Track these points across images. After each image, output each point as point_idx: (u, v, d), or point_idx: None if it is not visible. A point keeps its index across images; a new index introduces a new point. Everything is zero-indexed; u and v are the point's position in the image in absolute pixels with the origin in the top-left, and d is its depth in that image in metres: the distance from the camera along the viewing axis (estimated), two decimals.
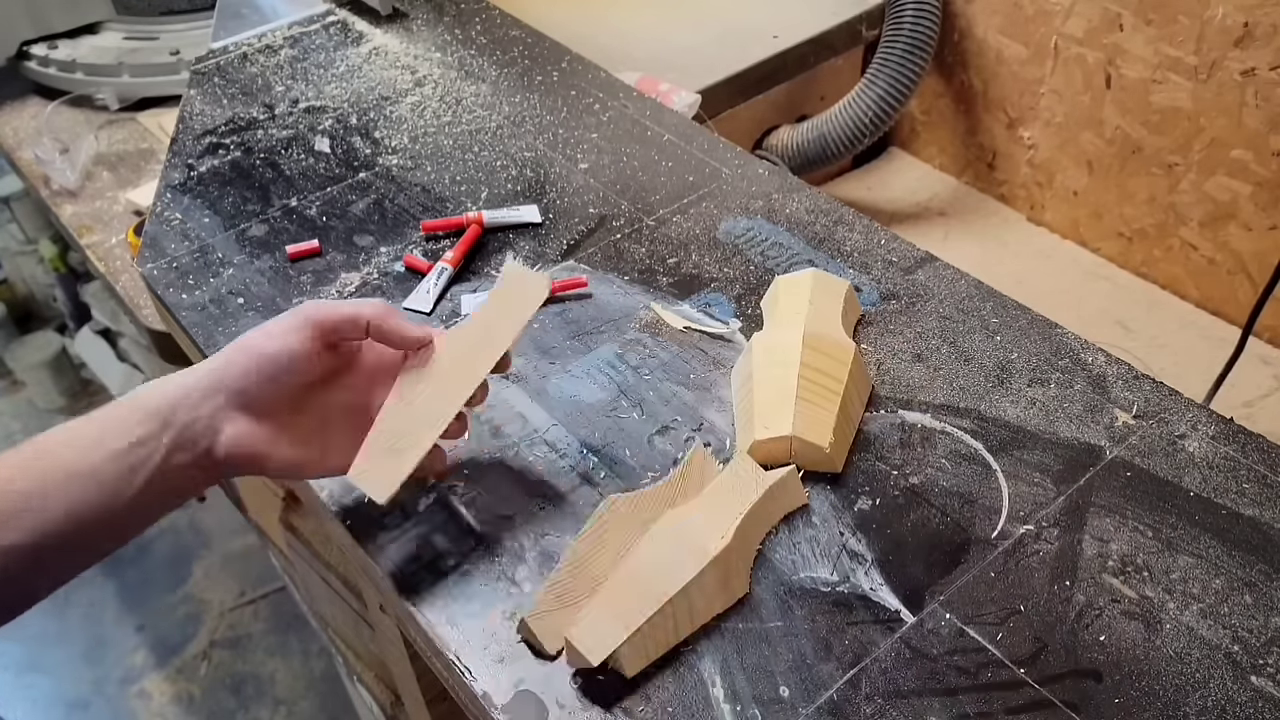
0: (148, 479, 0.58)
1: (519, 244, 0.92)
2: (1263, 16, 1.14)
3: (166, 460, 0.59)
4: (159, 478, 0.59)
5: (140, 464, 0.58)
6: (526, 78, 1.15)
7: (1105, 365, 0.78)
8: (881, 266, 0.88)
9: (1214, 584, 0.64)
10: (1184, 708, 0.58)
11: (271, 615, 1.98)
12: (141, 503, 0.59)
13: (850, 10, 1.45)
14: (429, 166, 1.02)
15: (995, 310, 0.83)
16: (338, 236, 0.94)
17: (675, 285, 0.88)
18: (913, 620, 0.63)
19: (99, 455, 0.58)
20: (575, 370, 0.80)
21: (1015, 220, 1.53)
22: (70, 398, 2.40)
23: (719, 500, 0.66)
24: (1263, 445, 0.72)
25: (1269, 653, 0.61)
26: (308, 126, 1.09)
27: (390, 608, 0.76)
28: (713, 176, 0.99)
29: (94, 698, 1.88)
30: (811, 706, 0.59)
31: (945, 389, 0.77)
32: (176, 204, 1.00)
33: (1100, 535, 0.67)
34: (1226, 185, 1.25)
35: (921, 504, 0.69)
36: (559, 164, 1.02)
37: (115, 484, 0.58)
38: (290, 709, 1.84)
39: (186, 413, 0.60)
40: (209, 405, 0.60)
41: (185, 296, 0.89)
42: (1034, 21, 1.37)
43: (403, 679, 1.00)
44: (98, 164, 1.29)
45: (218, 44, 1.23)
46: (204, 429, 0.60)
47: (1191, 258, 1.33)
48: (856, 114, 1.39)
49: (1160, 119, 1.28)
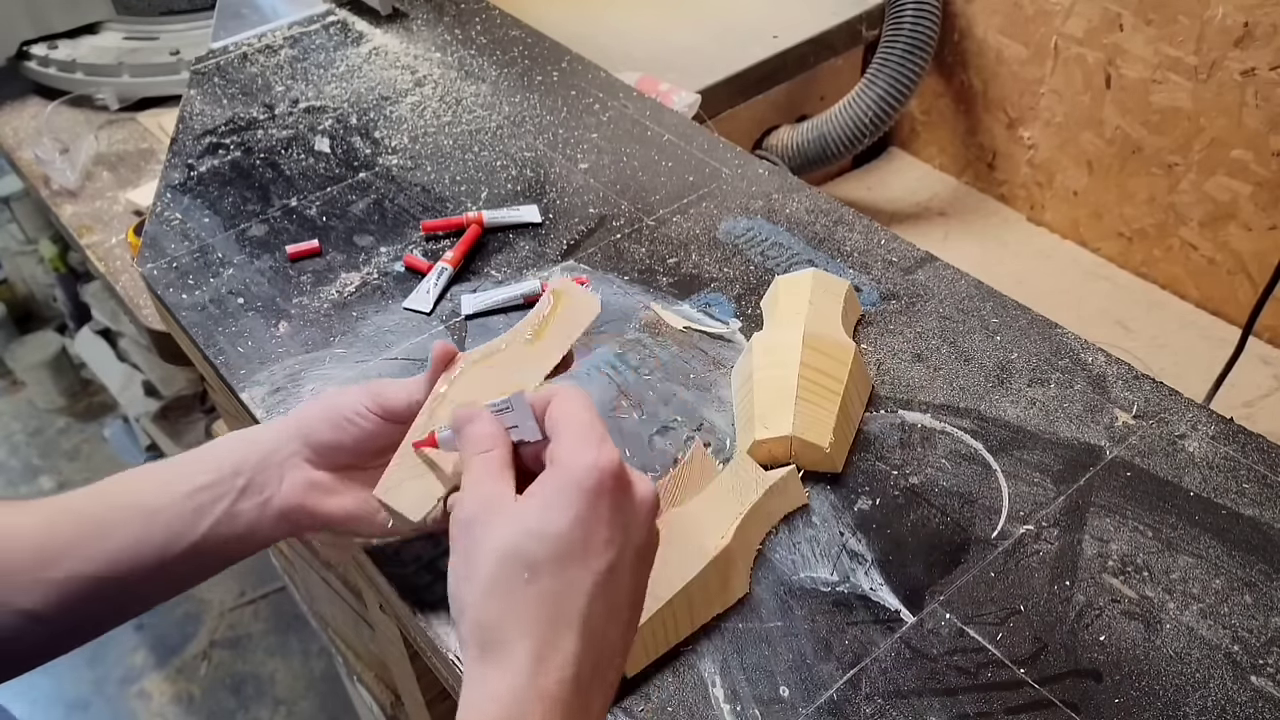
0: (214, 523, 0.59)
1: (519, 244, 0.92)
2: (1263, 16, 1.14)
3: (234, 505, 0.59)
4: (225, 522, 0.59)
5: (208, 507, 0.59)
6: (526, 78, 1.15)
7: (1105, 365, 0.78)
8: (881, 266, 0.88)
9: (1214, 584, 0.64)
10: (1184, 708, 0.58)
11: (271, 615, 1.98)
12: (205, 548, 0.59)
13: (850, 10, 1.45)
14: (429, 166, 1.02)
15: (995, 310, 0.83)
16: (338, 236, 0.94)
17: (675, 285, 0.88)
18: (913, 620, 0.63)
19: (169, 495, 0.59)
20: (575, 370, 0.80)
21: (1015, 220, 1.53)
22: (70, 398, 2.40)
23: (719, 500, 0.66)
24: (1263, 445, 0.72)
25: (1269, 653, 0.61)
26: (308, 126, 1.09)
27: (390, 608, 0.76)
28: (713, 176, 0.99)
29: (94, 698, 1.88)
30: (811, 706, 0.59)
31: (945, 389, 0.77)
32: (176, 204, 1.00)
33: (1100, 535, 0.67)
34: (1226, 185, 1.25)
35: (921, 504, 0.69)
36: (559, 164, 1.02)
37: (180, 524, 0.58)
38: (290, 709, 1.84)
39: (259, 460, 0.60)
40: (281, 454, 0.60)
41: (185, 296, 0.89)
42: (1034, 21, 1.37)
43: (403, 679, 1.00)
44: (98, 164, 1.29)
45: (218, 44, 1.23)
46: (273, 475, 0.60)
47: (1191, 258, 1.33)
48: (856, 114, 1.39)
49: (1160, 119, 1.28)
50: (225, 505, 0.59)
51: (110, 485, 0.60)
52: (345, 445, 0.61)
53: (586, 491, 0.49)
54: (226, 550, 0.60)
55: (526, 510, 0.49)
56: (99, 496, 0.59)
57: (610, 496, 0.49)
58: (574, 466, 0.49)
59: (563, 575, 0.48)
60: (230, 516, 0.59)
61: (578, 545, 0.48)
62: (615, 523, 0.49)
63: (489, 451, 0.53)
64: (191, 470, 0.60)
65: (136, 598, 0.60)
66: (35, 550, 0.56)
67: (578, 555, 0.48)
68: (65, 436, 2.35)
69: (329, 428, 0.61)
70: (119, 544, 0.57)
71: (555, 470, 0.50)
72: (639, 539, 0.51)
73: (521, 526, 0.49)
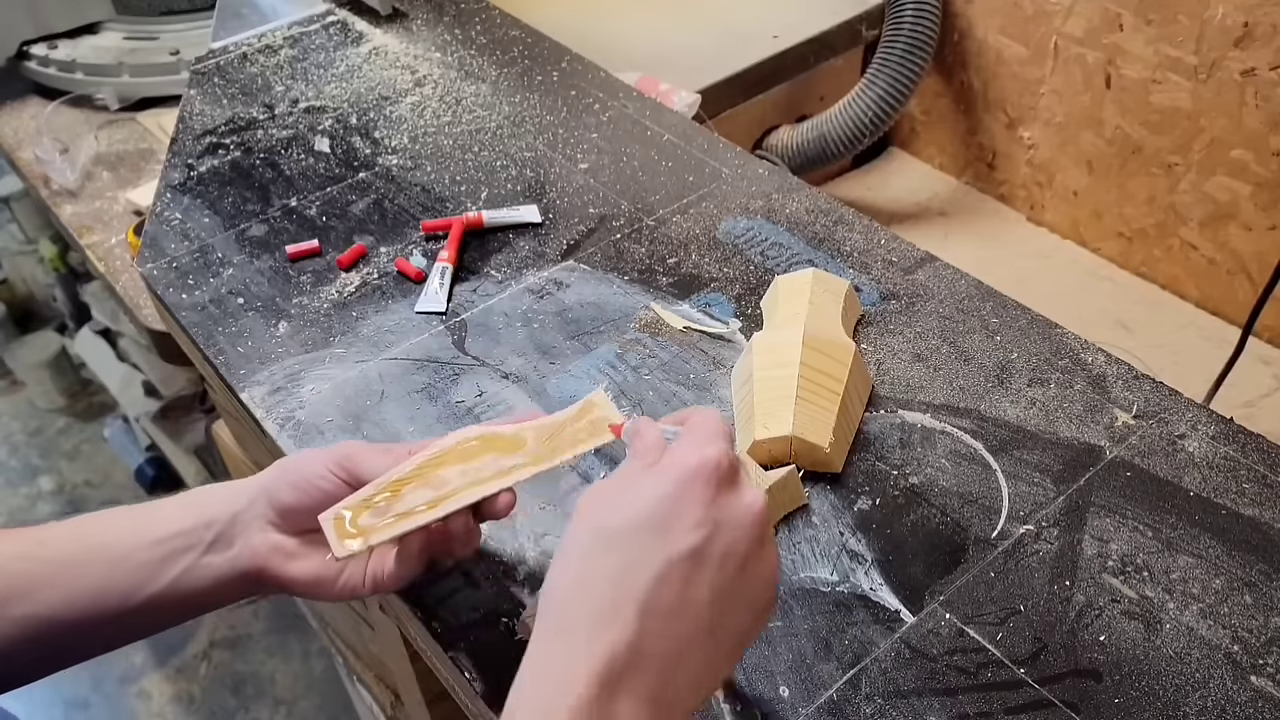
0: (180, 573, 0.58)
1: (519, 244, 0.92)
2: (1263, 16, 1.14)
3: (202, 557, 0.59)
4: (191, 573, 0.59)
5: (176, 556, 0.58)
6: (526, 78, 1.15)
7: (1105, 365, 0.78)
8: (881, 266, 0.88)
9: (1214, 584, 0.64)
10: (1184, 708, 0.58)
11: (271, 615, 1.98)
12: (170, 596, 0.58)
13: (850, 10, 1.45)
14: (429, 166, 1.02)
15: (995, 310, 0.83)
16: (338, 236, 0.94)
17: (675, 285, 0.88)
18: (913, 620, 0.63)
19: (137, 540, 0.58)
20: (575, 370, 0.80)
21: (1015, 220, 1.53)
22: (70, 398, 2.40)
23: None
24: (1263, 445, 0.72)
25: (1269, 653, 0.61)
26: (308, 126, 1.09)
27: (390, 608, 0.76)
28: (713, 176, 0.99)
29: (94, 697, 1.88)
30: (811, 706, 0.59)
31: (945, 389, 0.77)
32: (176, 204, 1.00)
33: (1100, 535, 0.67)
34: (1226, 185, 1.25)
35: (921, 504, 0.69)
36: (559, 164, 1.02)
37: (145, 572, 0.58)
38: (290, 709, 1.84)
39: (231, 515, 0.60)
40: (251, 511, 0.60)
41: (185, 296, 0.89)
42: (1034, 21, 1.37)
43: (403, 679, 1.00)
44: (98, 164, 1.29)
45: (218, 44, 1.23)
46: (240, 531, 0.60)
47: (1191, 258, 1.33)
48: (856, 114, 1.39)
49: (1160, 119, 1.28)
50: (193, 556, 0.58)
51: (85, 524, 0.60)
52: (307, 508, 0.59)
53: (684, 472, 0.47)
54: (186, 603, 0.59)
55: (623, 486, 0.48)
56: (75, 536, 0.59)
57: (709, 484, 0.47)
58: (680, 453, 0.48)
59: (635, 546, 0.45)
60: (197, 568, 0.59)
61: (659, 521, 0.46)
62: (709, 510, 0.47)
63: (638, 457, 0.50)
64: (165, 516, 0.59)
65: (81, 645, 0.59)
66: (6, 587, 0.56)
67: (658, 530, 0.46)
68: (65, 436, 2.35)
69: (291, 490, 0.59)
70: (81, 588, 0.57)
71: (666, 455, 0.49)
72: (736, 540, 0.47)
73: (612, 500, 0.47)
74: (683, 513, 0.46)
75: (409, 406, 0.78)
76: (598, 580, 0.45)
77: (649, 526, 0.46)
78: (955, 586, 0.65)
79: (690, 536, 0.46)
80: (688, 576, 0.46)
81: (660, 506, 0.46)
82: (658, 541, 0.46)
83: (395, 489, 0.58)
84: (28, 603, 0.56)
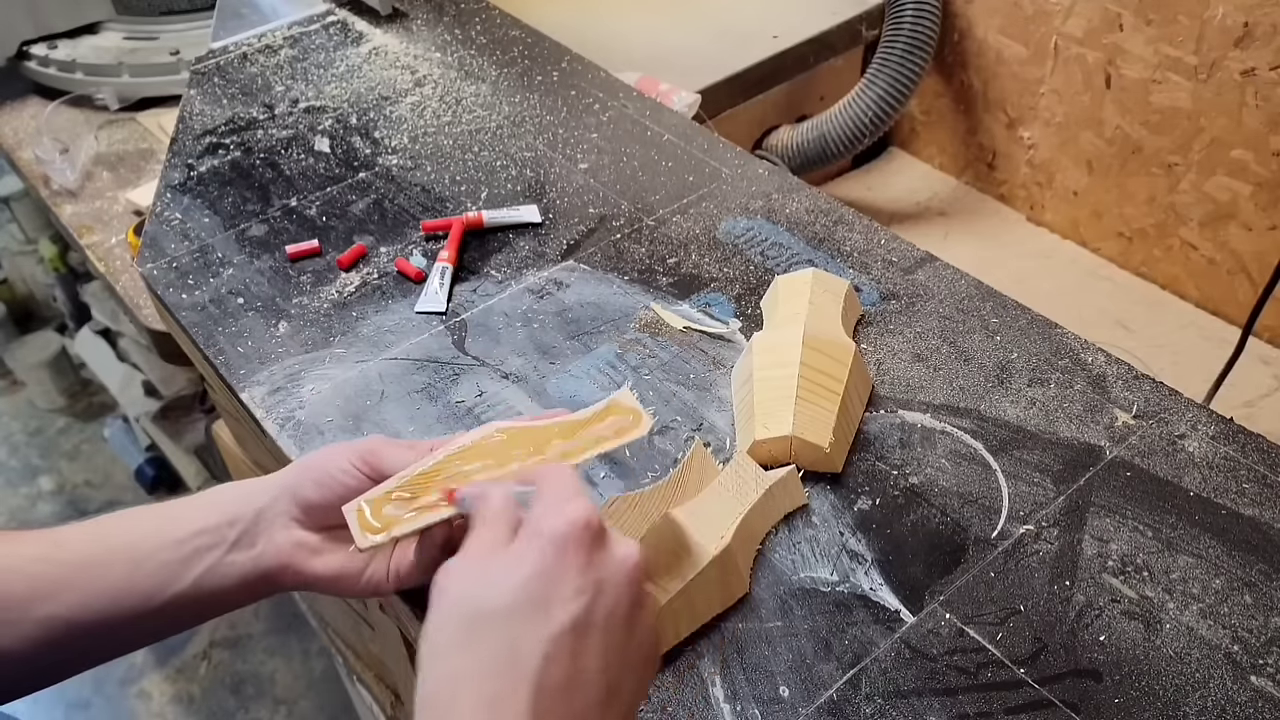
0: (204, 571, 0.58)
1: (519, 244, 0.92)
2: (1263, 16, 1.14)
3: (226, 555, 0.58)
4: (214, 573, 0.58)
5: (199, 554, 0.58)
6: (526, 78, 1.15)
7: (1105, 365, 0.78)
8: (881, 266, 0.88)
9: (1214, 584, 0.64)
10: (1184, 708, 0.58)
11: (271, 615, 1.98)
12: (192, 595, 0.58)
13: (850, 10, 1.45)
14: (429, 166, 1.02)
15: (995, 310, 0.83)
16: (338, 236, 0.94)
17: (675, 285, 0.88)
18: (913, 620, 0.63)
19: (160, 540, 0.58)
20: (575, 370, 0.80)
21: (1015, 220, 1.53)
22: (70, 398, 2.40)
23: (719, 500, 0.66)
24: (1263, 445, 0.72)
25: (1269, 653, 0.61)
26: (308, 126, 1.09)
27: (390, 608, 0.76)
28: (713, 176, 0.99)
29: (94, 697, 1.88)
30: (811, 706, 0.59)
31: (945, 389, 0.77)
32: (176, 204, 1.00)
33: (1100, 535, 0.67)
34: (1226, 185, 1.25)
35: (921, 504, 0.69)
36: (559, 164, 1.02)
37: (168, 573, 0.57)
38: (290, 709, 1.84)
39: (254, 513, 0.59)
40: (275, 508, 0.60)
41: (185, 296, 0.89)
42: (1034, 21, 1.37)
43: (403, 679, 1.00)
44: (98, 164, 1.29)
45: (218, 44, 1.23)
46: (264, 528, 0.59)
47: (1191, 258, 1.33)
48: (856, 114, 1.39)
49: (1160, 119, 1.28)
50: (217, 555, 0.58)
51: (107, 524, 0.59)
52: (331, 503, 0.59)
53: (555, 539, 0.45)
54: (209, 603, 0.59)
55: (485, 563, 0.46)
56: (95, 537, 0.58)
57: (580, 547, 0.45)
58: (543, 518, 0.46)
59: (515, 628, 0.43)
60: (220, 566, 0.58)
61: (537, 596, 0.44)
62: (586, 574, 0.45)
63: (489, 527, 0.49)
64: (187, 515, 0.59)
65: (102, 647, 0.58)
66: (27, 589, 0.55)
67: (537, 605, 0.43)
68: (65, 436, 2.35)
69: (314, 486, 0.59)
70: (102, 589, 0.56)
71: (525, 525, 0.47)
72: (618, 599, 0.46)
73: (477, 579, 0.45)
74: (560, 582, 0.44)
75: (409, 406, 0.78)
76: (477, 674, 0.43)
77: (526, 603, 0.43)
78: (955, 586, 0.65)
79: (571, 606, 0.44)
80: (575, 648, 0.44)
81: (535, 581, 0.44)
82: (538, 617, 0.43)
83: (418, 482, 0.58)
84: (49, 604, 0.55)
